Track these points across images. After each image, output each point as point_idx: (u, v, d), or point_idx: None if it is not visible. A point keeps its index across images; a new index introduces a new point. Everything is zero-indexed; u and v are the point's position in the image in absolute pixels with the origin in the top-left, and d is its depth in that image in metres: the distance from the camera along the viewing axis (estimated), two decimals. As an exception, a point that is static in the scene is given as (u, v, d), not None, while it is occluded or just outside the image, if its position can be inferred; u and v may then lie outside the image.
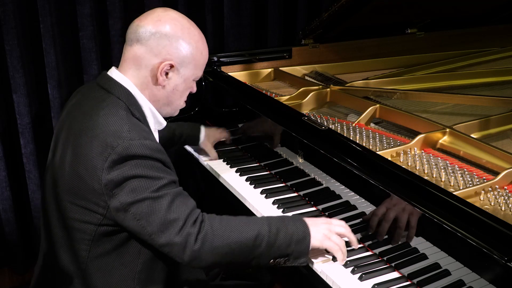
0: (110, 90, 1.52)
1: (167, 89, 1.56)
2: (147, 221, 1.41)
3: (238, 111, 2.29)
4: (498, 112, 1.99)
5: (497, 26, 2.93)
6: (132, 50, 1.52)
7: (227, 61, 2.47)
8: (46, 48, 2.58)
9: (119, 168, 1.39)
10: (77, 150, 1.45)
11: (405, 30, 2.80)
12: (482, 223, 1.29)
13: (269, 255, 1.49)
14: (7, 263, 2.91)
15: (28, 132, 2.65)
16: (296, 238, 1.50)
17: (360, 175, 1.60)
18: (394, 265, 1.50)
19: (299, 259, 1.51)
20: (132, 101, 1.52)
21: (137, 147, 1.40)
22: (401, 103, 2.18)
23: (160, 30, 1.50)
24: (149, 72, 1.52)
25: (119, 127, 1.43)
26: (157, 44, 1.50)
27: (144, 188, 1.40)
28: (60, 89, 2.67)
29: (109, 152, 1.39)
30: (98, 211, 1.45)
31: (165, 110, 1.61)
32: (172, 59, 1.51)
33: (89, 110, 1.49)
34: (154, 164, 1.43)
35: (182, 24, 1.53)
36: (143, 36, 1.50)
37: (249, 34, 3.13)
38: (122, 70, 1.55)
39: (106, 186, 1.40)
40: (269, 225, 1.49)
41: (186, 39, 1.52)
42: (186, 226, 1.42)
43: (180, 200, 1.45)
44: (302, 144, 1.85)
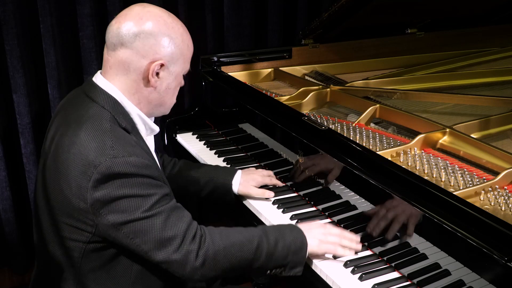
0: (95, 98, 1.45)
1: (160, 89, 1.48)
2: (142, 240, 1.36)
3: (238, 111, 2.29)
4: (498, 112, 1.99)
5: (497, 26, 2.93)
6: (117, 55, 1.43)
7: (227, 61, 2.47)
8: (46, 48, 2.58)
9: (104, 188, 1.33)
10: (61, 168, 1.39)
11: (405, 30, 2.80)
12: (482, 223, 1.29)
13: (267, 266, 1.49)
14: (7, 263, 2.91)
15: (28, 132, 2.66)
16: (294, 249, 1.49)
17: (360, 175, 1.60)
18: (394, 265, 1.50)
19: (295, 269, 1.51)
20: (119, 109, 1.45)
21: (121, 165, 1.33)
22: (401, 103, 2.18)
23: (143, 30, 1.41)
24: (138, 76, 1.44)
25: (101, 143, 1.35)
26: (143, 45, 1.41)
27: (135, 208, 1.34)
28: (60, 89, 2.67)
29: (92, 171, 1.32)
30: (86, 229, 1.40)
31: (158, 110, 1.54)
32: (162, 58, 1.44)
33: (72, 122, 1.42)
34: (142, 181, 1.36)
35: (164, 20, 1.45)
36: (126, 39, 1.41)
37: (249, 34, 3.13)
38: (108, 77, 1.47)
39: (92, 206, 1.34)
40: (267, 236, 1.48)
41: (171, 34, 1.44)
42: (185, 243, 1.38)
43: (175, 215, 1.40)
44: (302, 144, 1.85)
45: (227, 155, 2.18)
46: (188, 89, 2.97)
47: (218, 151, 2.21)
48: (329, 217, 1.74)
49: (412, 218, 1.45)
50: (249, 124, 2.20)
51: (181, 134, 2.40)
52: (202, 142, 2.32)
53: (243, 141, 2.23)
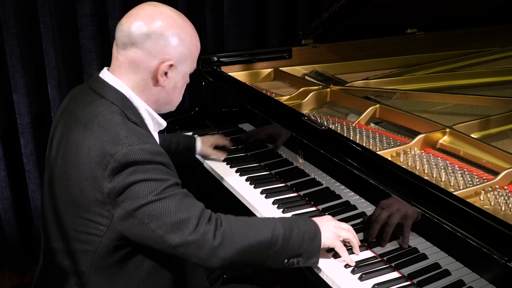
0: (103, 94, 1.47)
1: (167, 88, 1.51)
2: (157, 224, 1.36)
3: (238, 111, 2.29)
4: (498, 112, 1.99)
5: (497, 26, 2.93)
6: (127, 54, 1.46)
7: (227, 61, 2.47)
8: (46, 48, 2.58)
9: (120, 175, 1.35)
10: (74, 161, 1.40)
11: (405, 30, 2.80)
12: (482, 223, 1.29)
13: (283, 254, 1.47)
14: (7, 263, 2.91)
15: (28, 132, 2.66)
16: (308, 236, 1.49)
17: (360, 175, 1.60)
18: (394, 265, 1.50)
19: (311, 259, 1.50)
20: (127, 104, 1.47)
21: (136, 152, 1.35)
22: (401, 103, 2.18)
23: (155, 31, 1.43)
24: (148, 75, 1.47)
25: (115, 134, 1.37)
26: (154, 45, 1.44)
27: (148, 191, 1.36)
28: (60, 89, 2.67)
29: (108, 160, 1.34)
30: (102, 222, 1.40)
31: (165, 108, 1.57)
32: (171, 58, 1.46)
33: (83, 118, 1.44)
34: (156, 167, 1.38)
35: (175, 20, 1.47)
36: (138, 39, 1.43)
37: (249, 34, 3.13)
38: (117, 74, 1.49)
39: (108, 195, 1.36)
40: (282, 223, 1.48)
41: (181, 35, 1.47)
42: (201, 224, 1.38)
43: (188, 200, 1.41)
44: (302, 144, 1.85)
45: (227, 155, 2.18)
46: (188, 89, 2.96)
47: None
48: (329, 217, 1.74)
49: (412, 218, 1.45)
50: (249, 124, 2.20)
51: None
52: (202, 142, 2.32)
53: (243, 141, 2.23)
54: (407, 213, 1.46)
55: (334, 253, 1.56)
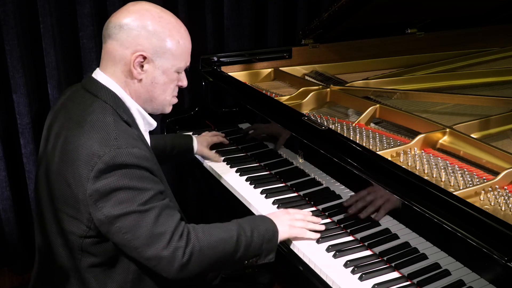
0: (96, 93, 1.49)
1: (145, 82, 1.50)
2: (134, 235, 1.38)
3: (238, 111, 2.29)
4: (498, 112, 1.99)
5: (497, 26, 2.93)
6: (106, 47, 1.49)
7: (227, 61, 2.47)
8: (46, 48, 2.58)
9: (105, 178, 1.35)
10: (65, 158, 1.42)
11: (405, 30, 2.80)
12: (482, 223, 1.29)
13: (245, 257, 1.53)
14: (7, 263, 2.91)
15: (28, 132, 2.66)
16: (268, 237, 1.55)
17: (360, 175, 1.60)
18: (394, 265, 1.50)
19: (268, 256, 1.57)
20: (119, 103, 1.48)
21: (124, 155, 1.36)
22: (401, 103, 2.18)
23: (129, 22, 1.45)
24: (124, 67, 1.48)
25: (105, 134, 1.39)
26: (126, 36, 1.45)
27: (131, 200, 1.37)
28: (60, 89, 2.67)
29: (96, 161, 1.35)
30: (83, 222, 1.42)
31: (150, 106, 1.55)
32: (144, 49, 1.45)
33: (76, 117, 1.46)
34: (141, 174, 1.39)
35: (152, 14, 1.47)
36: (113, 30, 1.46)
37: (249, 34, 3.13)
38: (103, 69, 1.51)
39: (90, 197, 1.36)
40: (244, 228, 1.53)
41: (157, 28, 1.46)
42: (173, 240, 1.40)
43: (166, 213, 1.42)
44: (302, 144, 1.85)
45: (227, 155, 2.18)
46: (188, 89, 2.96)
47: (218, 151, 2.21)
48: (329, 217, 1.74)
49: (411, 218, 1.45)
50: (249, 124, 2.20)
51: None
52: (202, 142, 2.32)
53: (243, 141, 2.23)
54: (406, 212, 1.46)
55: (334, 253, 1.56)
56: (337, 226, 1.70)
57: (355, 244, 1.60)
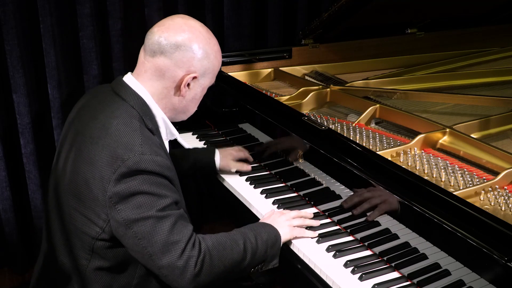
0: (125, 97, 1.51)
1: (187, 98, 1.57)
2: (149, 241, 1.38)
3: (238, 111, 2.29)
4: (498, 112, 1.99)
5: (497, 26, 2.93)
6: (155, 61, 1.51)
7: (227, 61, 2.47)
8: (46, 48, 2.58)
9: (126, 182, 1.37)
10: (87, 157, 1.43)
11: (405, 30, 2.80)
12: (482, 223, 1.29)
13: (252, 264, 1.54)
14: (7, 263, 2.91)
15: (28, 132, 2.66)
16: (271, 243, 1.57)
17: (360, 175, 1.60)
18: (394, 265, 1.50)
19: (272, 261, 1.58)
20: (146, 111, 1.51)
21: (147, 162, 1.39)
22: (401, 103, 2.18)
23: (185, 43, 1.49)
24: (172, 84, 1.52)
25: (131, 139, 1.41)
26: (182, 57, 1.49)
27: (150, 206, 1.38)
28: (60, 89, 2.67)
29: (119, 164, 1.37)
30: (97, 223, 1.43)
31: (180, 117, 1.63)
32: (196, 70, 1.52)
33: (101, 116, 1.48)
34: (161, 182, 1.42)
35: (203, 36, 1.53)
36: (167, 49, 1.49)
37: (249, 34, 3.13)
38: (141, 79, 1.54)
39: (110, 199, 1.38)
40: (248, 236, 1.54)
41: (208, 50, 1.53)
42: (187, 249, 1.41)
43: (181, 222, 1.44)
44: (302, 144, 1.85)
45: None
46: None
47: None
48: (329, 217, 1.74)
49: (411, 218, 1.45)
50: (249, 124, 2.20)
51: (181, 134, 2.39)
52: (202, 142, 2.32)
53: (243, 141, 2.23)
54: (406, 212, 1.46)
55: (334, 253, 1.56)
56: (337, 226, 1.70)
57: (355, 244, 1.60)
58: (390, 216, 1.53)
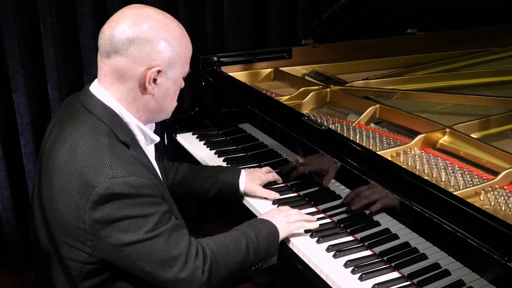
0: (92, 110, 1.39)
1: (158, 96, 1.42)
2: (145, 262, 1.32)
3: (238, 111, 2.29)
4: (498, 112, 1.99)
5: (497, 26, 2.93)
6: (111, 63, 1.37)
7: (227, 61, 2.47)
8: (46, 48, 2.58)
9: (103, 209, 1.28)
10: (58, 184, 1.34)
11: (405, 30, 2.80)
12: (482, 223, 1.29)
13: (254, 263, 1.52)
14: (7, 263, 2.91)
15: (28, 132, 2.66)
16: (271, 239, 1.55)
17: (360, 175, 1.60)
18: (394, 265, 1.50)
19: (271, 258, 1.57)
20: (117, 121, 1.39)
21: (120, 185, 1.27)
22: (401, 103, 2.18)
23: (138, 35, 1.34)
24: (135, 83, 1.38)
25: (99, 161, 1.29)
26: (138, 52, 1.34)
27: (137, 228, 1.30)
28: (60, 89, 2.67)
29: (90, 192, 1.27)
30: (83, 249, 1.36)
31: (158, 116, 1.49)
32: (159, 63, 1.37)
33: (69, 136, 1.37)
34: (142, 201, 1.31)
35: (159, 22, 1.37)
36: (120, 46, 1.34)
37: (249, 34, 3.13)
38: (104, 85, 1.40)
39: (91, 227, 1.30)
40: (249, 234, 1.52)
41: (168, 38, 1.37)
42: (189, 261, 1.36)
43: (176, 234, 1.37)
44: (302, 144, 1.85)
45: (227, 155, 2.18)
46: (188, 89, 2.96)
47: (218, 151, 2.21)
48: (329, 217, 1.74)
49: (411, 218, 1.45)
50: (249, 124, 2.20)
51: (181, 134, 2.40)
52: (202, 142, 2.32)
53: (243, 141, 2.23)
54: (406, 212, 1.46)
55: (334, 253, 1.56)
56: (337, 226, 1.70)
57: (355, 244, 1.60)
58: (390, 216, 1.53)
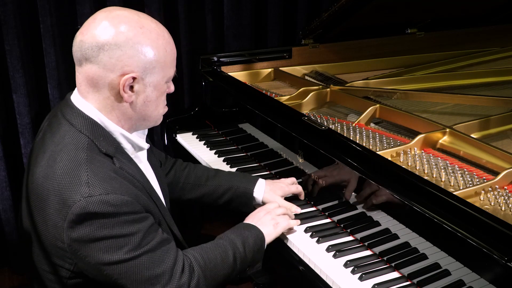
0: (71, 121, 1.32)
1: (137, 104, 1.33)
2: (127, 280, 1.26)
3: (238, 111, 2.29)
4: (498, 112, 1.99)
5: (497, 26, 2.93)
6: (84, 70, 1.29)
7: (227, 61, 2.47)
8: (46, 48, 2.58)
9: (80, 228, 1.22)
10: (36, 202, 1.29)
11: (405, 30, 2.80)
12: (482, 223, 1.29)
13: (239, 272, 1.52)
14: (7, 263, 2.91)
15: (28, 132, 2.66)
16: (257, 248, 1.54)
17: (360, 175, 1.60)
18: (394, 265, 1.50)
19: (256, 265, 1.57)
20: (99, 132, 1.32)
21: (96, 204, 1.21)
22: (401, 103, 2.18)
23: (107, 41, 1.25)
24: (109, 92, 1.30)
25: (76, 178, 1.23)
26: (109, 58, 1.26)
27: (118, 248, 1.24)
28: (60, 89, 2.67)
29: (66, 211, 1.22)
30: (64, 266, 1.32)
31: (143, 125, 1.40)
32: (133, 69, 1.27)
33: (48, 151, 1.31)
34: (122, 220, 1.24)
35: (132, 25, 1.27)
36: (90, 52, 1.26)
37: (249, 34, 3.13)
38: (82, 95, 1.33)
39: (70, 247, 1.25)
40: (236, 245, 1.49)
41: (141, 41, 1.27)
42: (174, 278, 1.31)
43: (161, 250, 1.31)
44: (302, 144, 1.85)
45: (227, 155, 2.18)
46: (188, 89, 2.97)
47: (218, 151, 2.21)
48: (329, 217, 1.74)
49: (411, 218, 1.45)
50: (249, 124, 2.20)
51: (181, 134, 2.40)
52: (202, 142, 2.32)
53: (243, 141, 2.23)
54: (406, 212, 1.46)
55: (334, 253, 1.56)
56: (337, 226, 1.70)
57: (355, 244, 1.60)
58: (390, 216, 1.53)
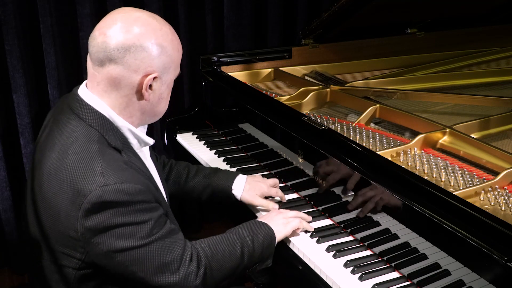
0: (81, 115, 1.36)
1: (153, 101, 1.40)
2: (139, 268, 1.31)
3: (238, 111, 2.29)
4: (498, 112, 1.99)
5: (497, 26, 2.93)
6: (106, 71, 1.34)
7: (227, 61, 2.47)
8: (46, 48, 2.58)
9: (95, 217, 1.26)
10: (47, 195, 1.32)
11: (405, 30, 2.80)
12: (482, 223, 1.29)
13: (247, 267, 1.53)
14: (7, 263, 2.91)
15: (28, 132, 2.66)
16: (267, 244, 1.55)
17: (360, 175, 1.60)
18: (394, 265, 1.50)
19: (267, 261, 1.57)
20: (108, 126, 1.36)
21: (112, 193, 1.25)
22: (401, 103, 2.18)
23: (133, 43, 1.32)
24: (131, 91, 1.36)
25: (90, 169, 1.27)
26: (134, 59, 1.32)
27: (130, 235, 1.28)
28: (60, 89, 2.67)
29: (81, 200, 1.25)
30: (75, 256, 1.34)
31: (150, 120, 1.48)
32: (154, 70, 1.35)
33: (58, 143, 1.34)
34: (135, 208, 1.29)
35: (152, 27, 1.35)
36: (115, 54, 1.31)
37: (249, 34, 3.13)
38: (96, 93, 1.38)
39: (83, 235, 1.28)
40: (245, 239, 1.51)
41: (163, 43, 1.36)
42: (183, 266, 1.36)
43: (170, 239, 1.36)
44: (302, 144, 1.85)
45: (227, 155, 2.18)
46: (188, 89, 2.97)
47: (218, 151, 2.21)
48: (329, 217, 1.74)
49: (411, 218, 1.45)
50: (249, 124, 2.20)
51: (181, 134, 2.40)
52: (202, 142, 2.32)
53: (243, 141, 2.23)
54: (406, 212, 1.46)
55: (334, 253, 1.56)
56: (337, 226, 1.71)
57: (355, 244, 1.60)
58: (390, 216, 1.53)
